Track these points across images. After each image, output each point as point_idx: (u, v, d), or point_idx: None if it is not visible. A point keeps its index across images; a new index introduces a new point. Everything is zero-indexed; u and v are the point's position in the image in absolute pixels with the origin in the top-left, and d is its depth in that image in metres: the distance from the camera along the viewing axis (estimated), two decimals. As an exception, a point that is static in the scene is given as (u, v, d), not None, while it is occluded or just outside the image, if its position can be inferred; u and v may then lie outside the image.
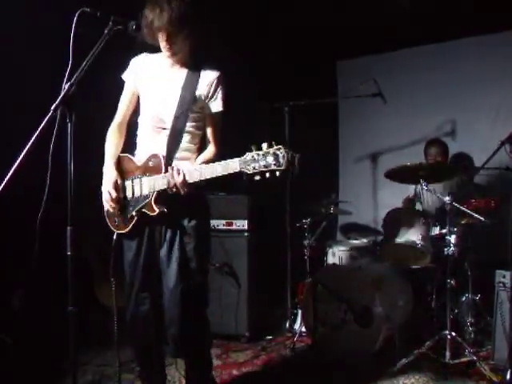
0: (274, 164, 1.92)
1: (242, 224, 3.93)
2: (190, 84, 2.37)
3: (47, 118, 1.83)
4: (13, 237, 3.11)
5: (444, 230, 3.51)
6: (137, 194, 2.37)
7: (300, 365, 3.39)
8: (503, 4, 4.07)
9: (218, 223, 3.96)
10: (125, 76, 2.51)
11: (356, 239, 4.45)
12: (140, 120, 2.50)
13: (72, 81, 1.89)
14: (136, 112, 2.52)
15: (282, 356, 3.53)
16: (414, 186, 4.31)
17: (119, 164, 2.47)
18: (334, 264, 4.05)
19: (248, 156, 1.98)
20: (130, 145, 2.55)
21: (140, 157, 2.45)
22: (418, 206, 4.33)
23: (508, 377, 2.74)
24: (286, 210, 3.48)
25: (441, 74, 4.83)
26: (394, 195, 4.53)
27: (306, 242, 3.96)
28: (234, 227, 3.95)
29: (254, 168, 1.96)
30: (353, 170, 5.46)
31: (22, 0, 3.13)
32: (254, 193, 4.01)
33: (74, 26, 1.93)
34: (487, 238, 4.54)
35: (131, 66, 2.50)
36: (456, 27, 4.51)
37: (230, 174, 2.08)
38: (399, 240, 3.53)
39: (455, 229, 3.50)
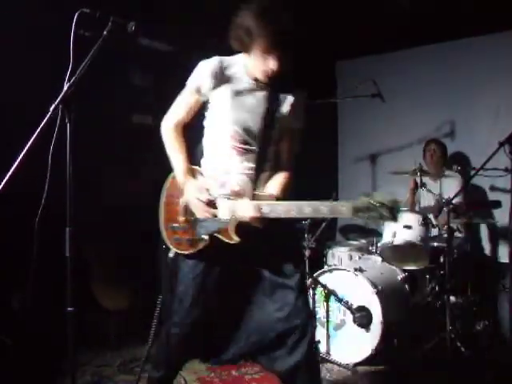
0: (387, 217, 1.89)
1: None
2: (275, 106, 2.18)
3: (46, 118, 1.84)
4: (12, 237, 3.11)
5: (443, 231, 3.52)
6: (213, 215, 2.14)
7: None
8: (503, 4, 4.08)
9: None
10: (193, 84, 2.20)
11: (355, 240, 4.45)
12: (211, 134, 2.25)
13: (71, 81, 1.89)
14: (193, 118, 2.27)
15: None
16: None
17: (191, 174, 2.21)
18: (333, 265, 4.05)
19: (362, 204, 1.89)
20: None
21: (210, 172, 2.22)
22: (418, 207, 4.34)
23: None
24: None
25: (440, 74, 4.84)
26: (394, 195, 4.53)
27: (305, 243, 3.96)
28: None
29: (367, 216, 1.89)
30: (352, 170, 5.47)
31: (22, 0, 3.13)
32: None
33: (73, 26, 1.93)
34: (487, 238, 4.57)
35: (202, 72, 2.17)
36: (455, 27, 4.51)
37: None
38: (398, 241, 3.53)
39: (454, 230, 3.50)
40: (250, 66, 2.13)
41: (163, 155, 4.50)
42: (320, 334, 3.37)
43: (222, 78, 2.15)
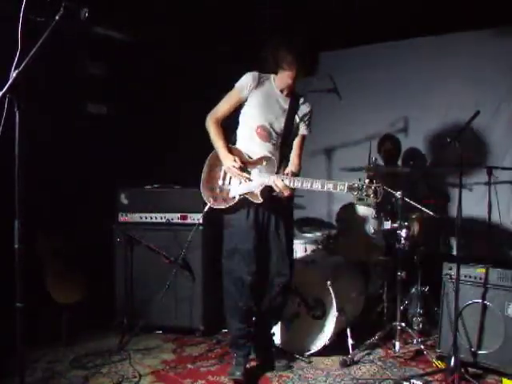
0: (373, 196, 2.56)
1: (196, 218, 3.91)
2: (293, 111, 3.02)
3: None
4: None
5: (395, 225, 3.61)
6: (244, 180, 2.93)
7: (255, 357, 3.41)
8: (458, 5, 4.21)
9: (173, 216, 3.93)
10: (239, 85, 2.98)
11: (310, 233, 4.50)
12: (245, 125, 3.05)
13: (20, 68, 1.81)
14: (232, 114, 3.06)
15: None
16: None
17: (230, 152, 2.99)
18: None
19: (355, 184, 2.61)
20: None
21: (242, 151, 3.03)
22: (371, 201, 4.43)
23: (452, 363, 2.84)
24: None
25: (395, 71, 4.95)
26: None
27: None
28: (188, 221, 3.93)
29: (357, 194, 2.60)
30: (307, 164, 5.45)
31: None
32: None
33: (22, 11, 1.85)
34: (436, 232, 4.72)
35: (248, 80, 2.97)
36: (411, 26, 4.63)
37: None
38: (352, 234, 3.60)
39: (406, 223, 3.60)
40: (277, 80, 2.99)
41: (119, 145, 4.42)
42: (275, 326, 3.40)
43: (258, 85, 2.97)
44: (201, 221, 3.87)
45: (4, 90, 1.78)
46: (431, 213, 3.70)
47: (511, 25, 4.35)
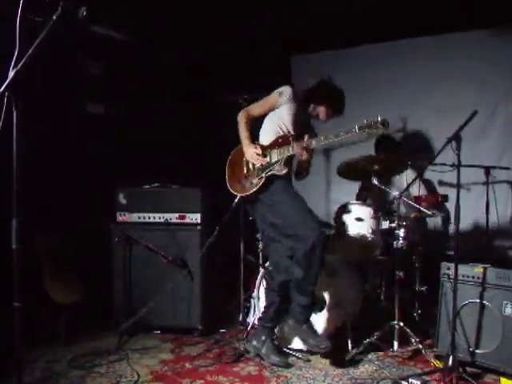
0: (383, 127, 3.09)
1: (194, 217, 3.91)
2: (308, 125, 3.57)
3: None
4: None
5: (393, 224, 3.61)
6: (267, 162, 3.31)
7: (253, 358, 3.41)
8: (458, 5, 4.22)
9: (171, 216, 3.93)
10: (278, 94, 3.39)
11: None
12: (270, 127, 3.44)
13: (18, 67, 1.81)
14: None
15: (235, 349, 3.54)
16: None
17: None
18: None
19: (363, 123, 3.11)
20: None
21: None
22: (369, 201, 4.43)
23: (450, 363, 2.85)
24: (240, 204, 3.51)
25: (393, 71, 4.95)
26: (346, 190, 4.63)
27: (259, 235, 3.98)
28: (186, 220, 3.93)
29: (368, 131, 3.12)
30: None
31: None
32: (208, 186, 4.00)
33: (20, 10, 1.85)
34: (434, 231, 4.73)
35: (287, 92, 3.38)
36: (411, 26, 4.65)
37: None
38: (350, 233, 3.60)
39: (404, 223, 3.61)
40: (311, 108, 3.53)
41: (118, 145, 4.41)
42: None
43: (293, 99, 3.40)
44: (199, 220, 3.88)
45: (1, 88, 1.78)
46: (429, 212, 3.70)
47: (509, 25, 4.36)
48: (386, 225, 3.76)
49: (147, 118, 4.64)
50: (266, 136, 3.46)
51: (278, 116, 3.43)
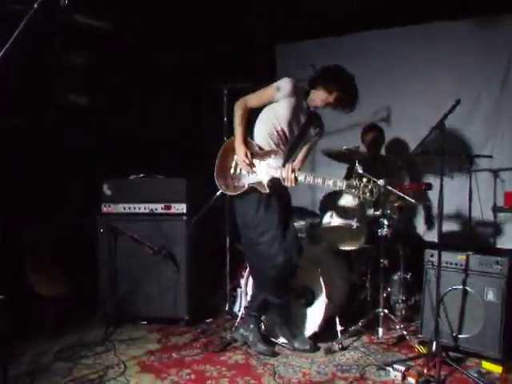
0: (369, 195, 2.88)
1: (180, 207, 3.90)
2: (310, 124, 3.36)
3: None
4: None
5: (378, 212, 3.64)
6: (252, 173, 3.19)
7: (240, 347, 3.43)
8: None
9: (157, 206, 3.92)
10: (277, 87, 3.20)
11: (295, 222, 4.51)
12: (269, 122, 3.27)
13: (-2, 56, 1.78)
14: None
15: (222, 338, 3.56)
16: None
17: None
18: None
19: (352, 183, 2.91)
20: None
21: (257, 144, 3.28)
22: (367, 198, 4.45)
23: (433, 348, 2.90)
24: (225, 193, 3.50)
25: (378, 60, 4.94)
26: (332, 175, 4.64)
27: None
28: (172, 210, 3.91)
29: (354, 192, 2.92)
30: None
31: None
32: (193, 176, 3.98)
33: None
34: (418, 219, 4.78)
35: (287, 86, 3.19)
36: (398, 15, 4.65)
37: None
38: (335, 222, 3.62)
39: (388, 211, 3.63)
40: (314, 95, 3.28)
41: (101, 136, 4.36)
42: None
43: (294, 93, 3.21)
44: (185, 210, 3.87)
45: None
46: (413, 201, 3.74)
47: (495, 15, 4.39)
48: (370, 213, 3.80)
49: (129, 109, 4.59)
50: (260, 129, 3.32)
51: (274, 113, 3.26)
